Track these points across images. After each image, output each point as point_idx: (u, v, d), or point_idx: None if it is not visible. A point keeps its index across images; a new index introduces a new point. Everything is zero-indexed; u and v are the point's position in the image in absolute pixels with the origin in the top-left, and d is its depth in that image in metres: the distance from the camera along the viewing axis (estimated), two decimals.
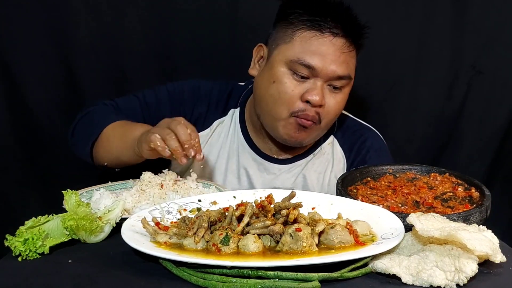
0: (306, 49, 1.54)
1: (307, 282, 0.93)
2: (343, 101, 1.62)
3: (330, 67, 1.53)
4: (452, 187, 1.35)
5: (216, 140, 1.76)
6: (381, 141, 1.81)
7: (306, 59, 1.53)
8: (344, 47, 1.55)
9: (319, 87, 1.55)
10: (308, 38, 1.55)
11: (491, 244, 0.98)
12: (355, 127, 1.80)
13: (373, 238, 1.09)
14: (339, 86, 1.57)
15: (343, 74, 1.55)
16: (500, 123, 2.24)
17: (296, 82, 1.55)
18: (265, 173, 1.73)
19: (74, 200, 1.15)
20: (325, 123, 1.62)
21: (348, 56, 1.57)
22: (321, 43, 1.54)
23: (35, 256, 1.05)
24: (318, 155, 1.75)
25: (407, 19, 2.17)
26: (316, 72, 1.53)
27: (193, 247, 1.04)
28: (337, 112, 1.62)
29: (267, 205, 1.10)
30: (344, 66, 1.55)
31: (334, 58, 1.53)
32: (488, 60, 2.20)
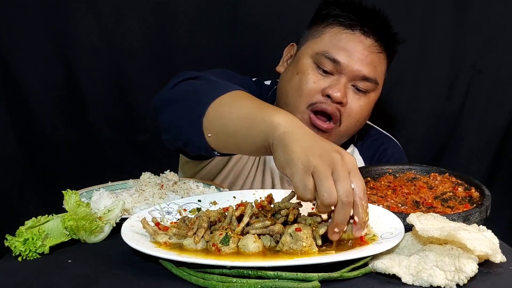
0: (334, 44, 1.52)
1: (307, 282, 0.93)
2: (367, 107, 1.57)
3: (356, 65, 1.50)
4: (452, 187, 1.35)
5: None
6: (401, 151, 1.79)
7: (332, 53, 1.50)
8: (373, 47, 1.52)
9: (342, 83, 1.50)
10: (338, 33, 1.53)
11: (491, 244, 0.98)
12: (375, 136, 1.78)
13: (373, 238, 1.09)
14: (363, 88, 1.53)
15: (368, 75, 1.52)
16: (500, 123, 2.25)
17: (320, 76, 1.52)
18: (287, 184, 1.69)
19: (74, 200, 1.15)
20: (345, 126, 1.55)
21: (377, 59, 1.54)
22: (350, 39, 1.51)
23: (35, 256, 1.05)
24: None
25: (407, 19, 2.17)
26: (340, 67, 1.50)
27: (193, 247, 1.04)
28: (358, 117, 1.56)
29: (267, 205, 1.10)
30: (371, 67, 1.52)
31: (361, 57, 1.51)
32: (488, 60, 2.20)
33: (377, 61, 1.54)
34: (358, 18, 1.52)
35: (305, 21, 2.02)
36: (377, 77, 1.55)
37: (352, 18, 1.52)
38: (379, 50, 1.54)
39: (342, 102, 1.51)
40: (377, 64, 1.54)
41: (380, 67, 1.56)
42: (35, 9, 2.08)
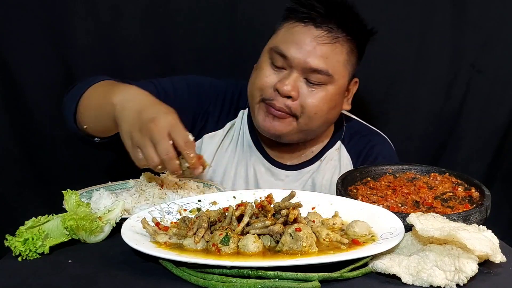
0: (286, 38, 1.52)
1: (307, 282, 0.93)
2: (324, 100, 1.53)
3: (304, 57, 1.48)
4: (452, 187, 1.35)
5: (228, 143, 1.74)
6: (390, 148, 1.77)
7: (282, 48, 1.51)
8: (321, 38, 1.49)
9: (292, 78, 1.50)
10: (291, 27, 1.53)
11: (491, 244, 0.98)
12: (363, 132, 1.76)
13: (373, 238, 1.09)
14: (315, 81, 1.50)
15: (317, 67, 1.49)
16: (500, 122, 2.25)
17: (273, 71, 1.54)
18: (272, 179, 1.70)
19: (74, 200, 1.15)
20: (305, 120, 1.54)
21: (329, 50, 1.50)
22: (300, 32, 1.50)
23: (35, 256, 1.05)
24: (326, 161, 1.71)
25: (406, 18, 2.17)
26: (290, 62, 1.50)
27: (193, 247, 1.04)
28: (316, 110, 1.53)
29: (267, 205, 1.10)
30: (321, 59, 1.49)
31: (309, 49, 1.49)
32: (487, 59, 2.20)
33: (330, 52, 1.50)
34: (314, 11, 1.50)
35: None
36: (330, 69, 1.50)
37: (306, 12, 1.50)
38: (331, 41, 1.50)
39: (291, 96, 1.51)
40: (330, 55, 1.50)
41: (334, 58, 1.51)
42: (34, 9, 2.07)
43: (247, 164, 1.72)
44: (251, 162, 1.72)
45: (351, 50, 1.55)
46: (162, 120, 1.22)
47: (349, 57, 1.55)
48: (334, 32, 1.50)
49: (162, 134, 1.20)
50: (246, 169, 1.71)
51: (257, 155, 1.71)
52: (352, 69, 1.58)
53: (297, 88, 1.51)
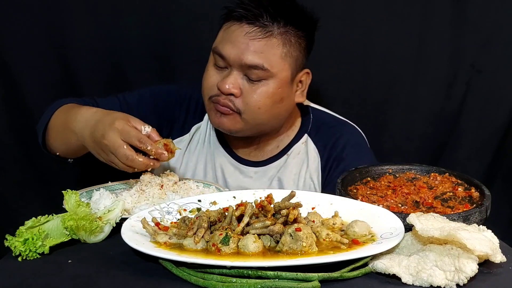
0: (223, 38, 1.55)
1: (307, 282, 0.93)
2: (266, 95, 1.53)
3: (238, 55, 1.50)
4: (452, 187, 1.35)
5: (195, 146, 1.76)
6: (358, 136, 1.76)
7: (219, 48, 1.54)
8: (253, 34, 1.50)
9: (233, 75, 1.52)
10: (228, 27, 1.55)
11: (491, 244, 0.98)
12: (330, 124, 1.75)
13: (373, 238, 1.09)
14: (254, 78, 1.52)
15: (251, 63, 1.50)
16: (500, 122, 2.24)
17: (216, 71, 1.57)
18: (241, 177, 1.71)
19: (74, 200, 1.15)
20: (248, 115, 1.55)
21: (263, 45, 1.50)
22: (233, 30, 1.53)
23: (35, 256, 1.05)
24: (292, 155, 1.71)
25: (406, 18, 2.17)
26: (228, 60, 1.52)
27: (193, 247, 1.04)
28: (259, 105, 1.54)
29: (267, 205, 1.10)
30: (256, 55, 1.50)
31: (242, 46, 1.50)
32: (487, 59, 2.20)
33: (263, 47, 1.50)
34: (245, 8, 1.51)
35: None
36: (266, 63, 1.50)
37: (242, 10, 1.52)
38: (264, 35, 1.50)
39: (233, 94, 1.53)
40: (263, 50, 1.50)
41: (270, 52, 1.51)
42: (34, 9, 2.08)
43: (215, 165, 1.73)
44: (219, 162, 1.73)
45: (289, 41, 1.54)
46: (109, 133, 1.35)
47: (288, 48, 1.54)
48: (268, 27, 1.51)
49: (115, 145, 1.34)
50: (214, 170, 1.73)
51: (224, 154, 1.73)
52: (294, 60, 1.57)
53: (238, 86, 1.53)
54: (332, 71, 2.21)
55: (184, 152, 1.76)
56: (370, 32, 2.18)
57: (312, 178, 1.69)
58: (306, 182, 1.69)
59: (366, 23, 2.17)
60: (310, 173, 1.69)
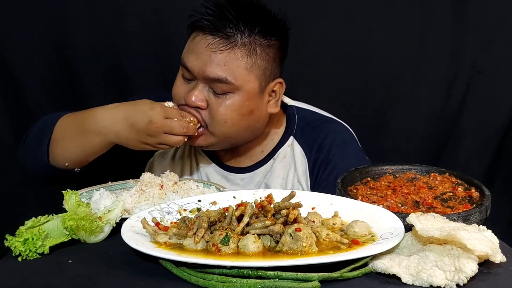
0: (188, 50, 1.51)
1: (307, 282, 0.93)
2: (232, 108, 1.48)
3: (201, 67, 1.46)
4: (452, 187, 1.35)
5: (180, 155, 1.72)
6: (345, 134, 1.69)
7: (184, 60, 1.50)
8: (217, 45, 1.44)
9: (198, 88, 1.48)
10: (193, 38, 1.51)
11: (491, 244, 0.98)
12: (315, 123, 1.68)
13: (373, 238, 1.09)
14: (218, 91, 1.47)
15: (214, 76, 1.44)
16: (500, 122, 2.25)
17: (184, 82, 1.53)
18: (228, 184, 1.67)
19: (74, 200, 1.15)
20: (215, 128, 1.50)
21: (226, 57, 1.44)
22: (197, 42, 1.48)
23: (35, 256, 1.05)
24: (279, 159, 1.66)
25: (406, 19, 2.17)
26: (191, 72, 1.49)
27: (193, 247, 1.04)
28: (225, 119, 1.48)
29: (267, 205, 1.10)
30: (218, 67, 1.44)
31: (205, 58, 1.45)
32: (487, 59, 2.20)
33: (226, 59, 1.44)
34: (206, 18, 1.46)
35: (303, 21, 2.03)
36: (229, 76, 1.45)
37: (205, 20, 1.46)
38: (226, 47, 1.44)
39: (199, 107, 1.49)
40: (226, 62, 1.44)
41: (233, 64, 1.45)
42: (35, 9, 2.08)
43: (200, 173, 1.70)
44: (204, 171, 1.70)
45: (254, 52, 1.47)
46: (156, 117, 1.42)
47: (254, 59, 1.47)
48: (231, 38, 1.45)
49: (167, 123, 1.43)
50: (200, 178, 1.69)
51: (209, 162, 1.69)
52: (262, 71, 1.50)
53: (204, 98, 1.48)
54: (332, 71, 2.21)
55: (169, 161, 1.72)
56: (370, 32, 2.19)
57: (300, 182, 1.65)
58: (294, 186, 1.64)
59: (366, 24, 2.17)
60: (298, 176, 1.65)
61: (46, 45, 2.12)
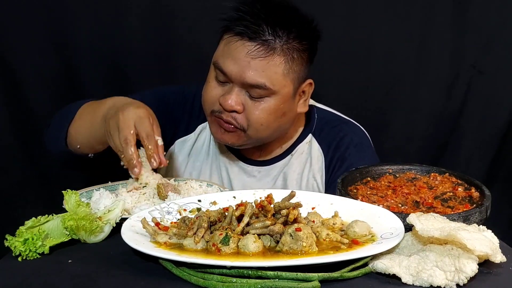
0: (224, 53, 1.50)
1: (307, 282, 0.93)
2: (267, 112, 1.50)
3: (240, 73, 1.46)
4: (452, 187, 1.35)
5: (201, 146, 1.76)
6: (362, 136, 1.74)
7: (220, 63, 1.50)
8: (257, 52, 1.45)
9: (235, 92, 1.49)
10: (229, 41, 1.49)
11: (491, 244, 0.98)
12: (334, 123, 1.73)
13: (373, 238, 1.09)
14: (255, 95, 1.48)
15: (253, 82, 1.46)
16: (500, 123, 2.25)
17: (218, 84, 1.54)
18: (245, 176, 1.71)
19: (74, 200, 1.15)
20: (252, 132, 1.53)
21: (264, 63, 1.46)
22: (235, 47, 1.47)
23: (35, 256, 1.05)
24: (296, 155, 1.71)
25: (407, 19, 2.17)
26: (228, 77, 1.49)
27: (193, 247, 1.04)
28: (261, 122, 1.51)
29: (267, 205, 1.10)
30: (257, 73, 1.46)
31: (243, 64, 1.46)
32: (488, 60, 2.20)
33: (265, 65, 1.46)
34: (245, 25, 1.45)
35: None
36: (268, 82, 1.46)
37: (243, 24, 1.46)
38: (265, 54, 1.45)
39: (236, 111, 1.50)
40: (265, 69, 1.46)
41: (272, 70, 1.47)
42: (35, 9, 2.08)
43: (219, 164, 1.73)
44: (223, 162, 1.73)
45: (291, 58, 1.50)
46: (129, 112, 1.38)
47: (291, 65, 1.50)
48: (269, 44, 1.46)
49: (126, 123, 1.36)
50: (219, 169, 1.73)
51: (228, 154, 1.73)
52: (296, 75, 1.53)
53: (241, 102, 1.50)
54: (333, 71, 2.21)
55: (189, 152, 1.76)
56: (371, 33, 2.19)
57: (315, 178, 1.69)
58: (309, 181, 1.69)
59: (367, 24, 2.17)
60: (314, 172, 1.69)
61: (46, 45, 2.12)
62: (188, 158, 1.76)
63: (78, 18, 2.10)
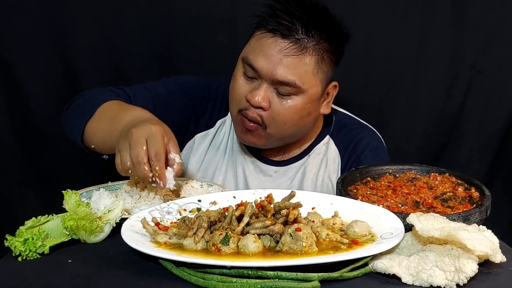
0: (255, 49, 1.51)
1: (307, 282, 0.93)
2: (293, 110, 1.52)
3: (271, 69, 1.47)
4: (452, 187, 1.35)
5: (220, 142, 1.76)
6: (378, 140, 1.77)
7: (251, 59, 1.50)
8: (287, 50, 1.47)
9: (263, 88, 1.50)
10: (261, 37, 1.51)
11: (491, 244, 0.98)
12: (352, 126, 1.76)
13: (373, 238, 1.09)
14: (284, 92, 1.49)
15: (283, 79, 1.47)
16: (500, 122, 2.25)
17: (246, 81, 1.54)
18: (261, 175, 1.72)
19: (74, 200, 1.15)
20: (273, 129, 1.54)
21: (296, 61, 1.47)
22: (268, 43, 1.48)
23: (35, 256, 1.05)
24: (313, 155, 1.73)
25: (407, 19, 2.17)
26: (259, 73, 1.49)
27: (193, 247, 1.04)
28: (285, 120, 1.52)
29: (267, 205, 1.10)
30: (288, 71, 1.47)
31: (275, 61, 1.47)
32: (487, 60, 2.20)
33: (296, 64, 1.47)
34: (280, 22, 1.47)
35: None
36: (298, 80, 1.48)
37: (276, 22, 1.47)
38: (298, 52, 1.47)
39: (262, 107, 1.51)
40: (296, 67, 1.47)
41: (302, 69, 1.48)
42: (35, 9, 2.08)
43: (236, 162, 1.74)
44: (240, 160, 1.74)
45: (321, 58, 1.52)
46: (143, 128, 1.30)
47: (320, 65, 1.52)
48: (302, 43, 1.48)
49: (138, 140, 1.27)
50: (235, 166, 1.73)
51: (246, 152, 1.73)
52: (325, 75, 1.55)
53: (268, 99, 1.50)
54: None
55: (208, 146, 1.76)
56: (370, 32, 2.19)
57: (330, 178, 1.70)
58: (324, 181, 1.70)
59: (366, 24, 2.17)
60: (329, 173, 1.71)
61: (47, 45, 2.12)
62: (206, 153, 1.76)
63: (77, 18, 2.10)
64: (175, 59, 2.18)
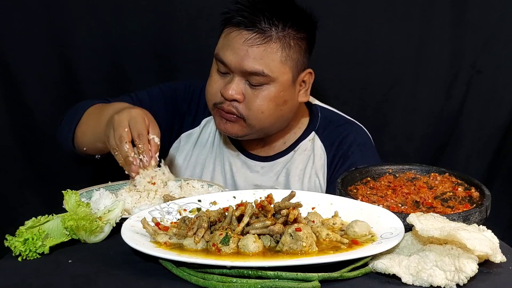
0: (224, 44, 1.56)
1: (307, 282, 0.93)
2: (267, 99, 1.55)
3: (238, 62, 1.52)
4: (452, 187, 1.35)
5: (206, 139, 1.79)
6: (365, 136, 1.78)
7: (220, 54, 1.56)
8: (254, 40, 1.51)
9: (235, 81, 1.54)
10: (228, 33, 1.56)
11: (491, 244, 0.98)
12: (338, 122, 1.77)
13: (373, 238, 1.09)
14: (255, 83, 1.53)
15: (251, 70, 1.51)
16: (500, 122, 2.25)
17: (219, 76, 1.59)
18: (248, 171, 1.74)
19: (74, 200, 1.15)
20: (252, 120, 1.57)
21: (262, 51, 1.51)
22: (233, 37, 1.53)
23: (35, 256, 1.05)
24: (299, 152, 1.74)
25: (406, 19, 2.17)
26: (228, 67, 1.54)
27: (193, 247, 1.04)
28: (262, 110, 1.55)
29: (267, 205, 1.10)
30: (255, 61, 1.51)
31: (242, 53, 1.51)
32: (487, 60, 2.20)
33: (262, 53, 1.51)
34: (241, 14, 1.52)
35: None
36: (266, 69, 1.51)
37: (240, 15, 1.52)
38: (262, 42, 1.51)
39: (236, 99, 1.55)
40: (263, 56, 1.51)
41: (269, 58, 1.51)
42: (35, 9, 2.08)
43: (223, 158, 1.76)
44: (227, 156, 1.76)
45: (288, 45, 1.54)
46: (124, 113, 1.43)
47: (288, 52, 1.54)
48: (265, 32, 1.51)
49: (121, 123, 1.41)
50: (223, 163, 1.76)
51: (232, 148, 1.76)
52: (294, 63, 1.57)
53: (241, 91, 1.55)
54: (332, 71, 2.21)
55: (194, 145, 1.79)
56: (370, 32, 2.19)
57: (317, 175, 1.71)
58: (312, 178, 1.71)
59: (366, 24, 2.17)
60: (316, 169, 1.71)
61: (47, 45, 2.12)
62: (193, 152, 1.79)
63: (78, 18, 2.10)
64: (175, 59, 2.18)
